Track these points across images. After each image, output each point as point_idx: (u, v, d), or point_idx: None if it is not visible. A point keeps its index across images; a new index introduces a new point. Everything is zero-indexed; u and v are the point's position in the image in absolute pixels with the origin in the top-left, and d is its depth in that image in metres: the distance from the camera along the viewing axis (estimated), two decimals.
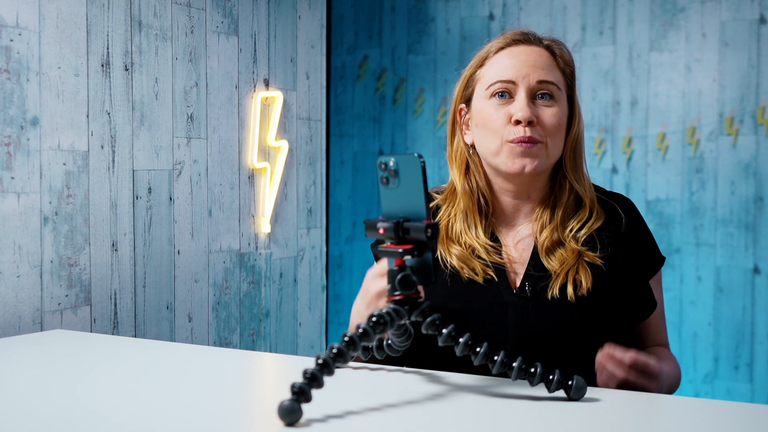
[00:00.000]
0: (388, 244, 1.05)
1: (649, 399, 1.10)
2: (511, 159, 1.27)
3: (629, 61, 2.95)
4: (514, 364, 1.02)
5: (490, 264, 1.29)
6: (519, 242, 1.33)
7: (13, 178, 1.84)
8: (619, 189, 2.95)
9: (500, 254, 1.30)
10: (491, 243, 1.31)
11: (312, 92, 2.95)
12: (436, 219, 1.36)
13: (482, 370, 1.17)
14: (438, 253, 1.32)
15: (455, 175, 1.37)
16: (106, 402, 1.07)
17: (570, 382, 1.03)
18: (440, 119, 3.23)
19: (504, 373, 1.03)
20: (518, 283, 1.28)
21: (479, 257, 1.30)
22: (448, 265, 1.30)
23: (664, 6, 2.90)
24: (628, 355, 1.13)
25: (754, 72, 2.78)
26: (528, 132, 1.26)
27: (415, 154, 1.01)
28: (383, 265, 1.15)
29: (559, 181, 1.34)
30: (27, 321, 1.87)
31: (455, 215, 1.34)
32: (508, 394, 1.08)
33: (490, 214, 1.34)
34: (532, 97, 1.28)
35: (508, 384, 1.12)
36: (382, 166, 1.04)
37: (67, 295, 1.97)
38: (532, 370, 1.03)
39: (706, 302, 2.86)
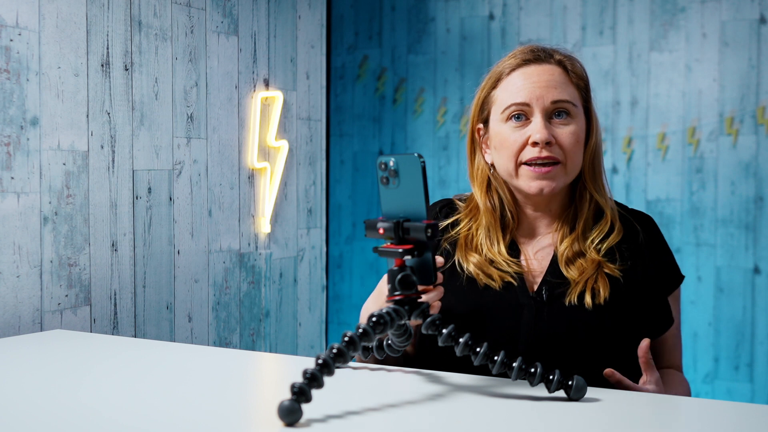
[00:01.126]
0: (388, 244, 1.05)
1: (649, 399, 1.10)
2: (529, 182, 1.28)
3: (629, 61, 2.95)
4: (514, 364, 1.02)
5: (509, 272, 1.29)
6: (538, 252, 1.34)
7: (12, 178, 1.84)
8: (619, 189, 2.95)
9: (519, 266, 1.31)
10: (512, 259, 1.31)
11: (312, 92, 2.95)
12: (456, 230, 1.37)
13: (482, 370, 1.17)
14: (455, 259, 1.33)
15: (477, 193, 1.37)
16: (106, 402, 1.07)
17: (570, 382, 1.03)
18: (440, 119, 3.23)
19: (504, 373, 1.03)
20: (535, 288, 1.29)
21: (498, 267, 1.30)
22: (465, 271, 1.31)
23: (664, 6, 2.90)
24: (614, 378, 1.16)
25: (754, 72, 2.78)
26: (545, 152, 1.26)
27: (415, 154, 1.01)
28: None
29: (579, 192, 1.34)
30: (27, 321, 1.87)
31: (476, 229, 1.35)
32: (508, 394, 1.08)
33: (513, 228, 1.35)
34: (548, 116, 1.28)
35: (508, 384, 1.12)
36: (382, 166, 1.04)
37: (66, 295, 1.97)
38: (532, 370, 1.03)
39: (706, 302, 2.86)
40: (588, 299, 1.24)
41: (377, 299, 1.25)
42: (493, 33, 3.13)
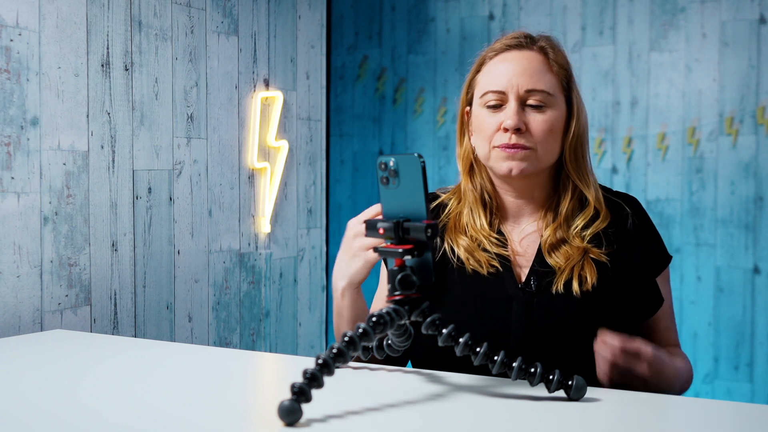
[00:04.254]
0: (388, 244, 1.05)
1: (649, 399, 1.10)
2: (499, 162, 1.30)
3: (629, 61, 2.95)
4: (514, 364, 1.02)
5: (494, 256, 1.30)
6: (524, 238, 1.34)
7: (13, 178, 1.84)
8: (618, 189, 2.95)
9: (505, 247, 1.32)
10: (496, 235, 1.32)
11: (312, 92, 2.95)
12: (445, 213, 1.39)
13: (482, 370, 1.17)
14: (445, 244, 1.34)
15: (462, 174, 1.41)
16: (106, 402, 1.07)
17: (570, 382, 1.03)
18: (440, 119, 3.23)
19: (504, 373, 1.03)
20: (523, 278, 1.29)
21: (485, 250, 1.31)
22: (455, 257, 1.32)
23: (664, 6, 2.90)
24: (617, 340, 1.14)
25: (754, 72, 2.78)
26: (514, 139, 1.28)
27: (415, 154, 1.01)
28: (368, 211, 1.20)
29: (562, 181, 1.35)
30: (27, 321, 1.87)
31: (462, 209, 1.37)
32: (508, 394, 1.08)
33: (494, 209, 1.37)
34: (523, 104, 1.30)
35: (508, 384, 1.12)
36: (382, 166, 1.04)
37: (67, 295, 1.97)
38: (532, 370, 1.03)
39: (706, 302, 2.86)
40: (575, 286, 1.24)
41: (346, 246, 1.26)
42: (493, 33, 3.13)
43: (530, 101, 1.30)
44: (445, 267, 1.32)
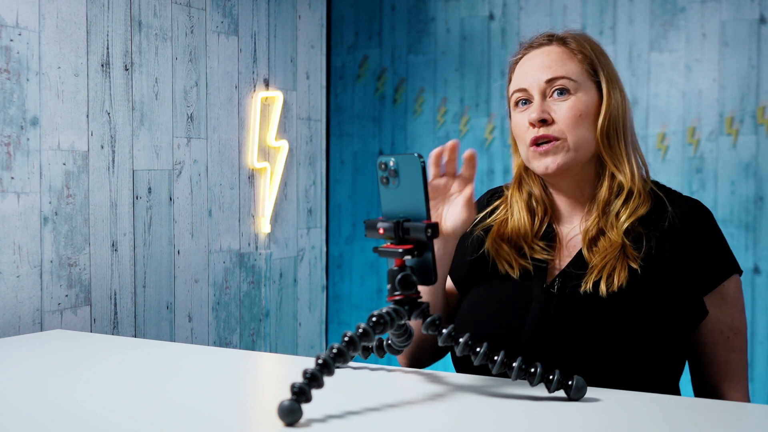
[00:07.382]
0: (388, 244, 1.05)
1: (649, 399, 1.10)
2: (534, 162, 1.30)
3: (629, 61, 2.95)
4: (514, 364, 1.02)
5: (530, 261, 1.30)
6: (571, 239, 1.33)
7: (13, 178, 1.84)
8: None
9: (549, 251, 1.31)
10: (540, 242, 1.32)
11: (312, 92, 2.95)
12: (493, 218, 1.38)
13: (482, 370, 1.17)
14: (486, 247, 1.34)
15: (512, 187, 1.40)
16: (106, 403, 1.07)
17: (570, 382, 1.03)
18: (440, 119, 3.23)
19: (504, 373, 1.03)
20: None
21: (523, 255, 1.31)
22: (490, 259, 1.33)
23: (664, 6, 2.90)
24: None
25: (754, 72, 2.78)
26: (542, 131, 1.27)
27: (415, 154, 1.02)
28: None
29: (599, 169, 1.33)
30: (27, 321, 1.87)
31: (512, 216, 1.36)
32: (508, 394, 1.08)
33: (545, 213, 1.36)
34: (549, 96, 1.30)
35: (508, 384, 1.12)
36: (382, 166, 1.04)
37: (67, 295, 1.97)
38: (532, 370, 1.03)
39: None
40: (603, 288, 1.21)
41: None
42: (493, 33, 3.13)
43: (557, 91, 1.29)
44: (482, 264, 1.33)
